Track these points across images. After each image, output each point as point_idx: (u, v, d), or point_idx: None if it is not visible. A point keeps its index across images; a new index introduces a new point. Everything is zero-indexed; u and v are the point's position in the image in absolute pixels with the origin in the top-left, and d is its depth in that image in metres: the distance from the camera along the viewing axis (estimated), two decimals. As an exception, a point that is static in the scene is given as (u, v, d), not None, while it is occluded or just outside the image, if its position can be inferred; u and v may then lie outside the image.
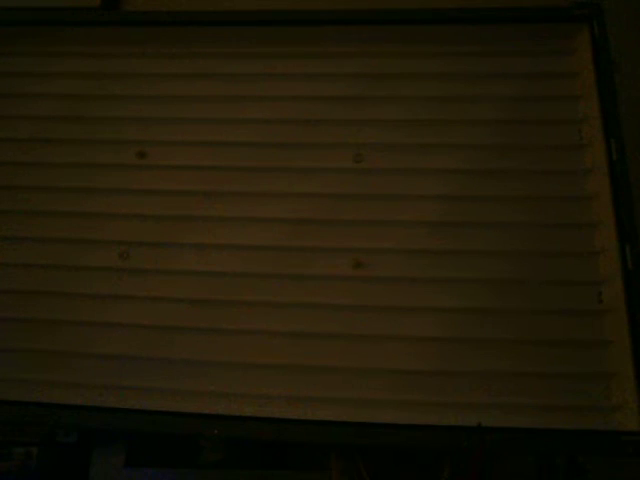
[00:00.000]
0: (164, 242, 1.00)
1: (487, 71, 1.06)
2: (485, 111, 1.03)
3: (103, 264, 0.99)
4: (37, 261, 1.00)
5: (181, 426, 0.87)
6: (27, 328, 0.96)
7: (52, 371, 0.94)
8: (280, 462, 0.93)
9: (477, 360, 0.90)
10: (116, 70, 1.11)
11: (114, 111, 1.08)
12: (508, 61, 1.06)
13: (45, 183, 1.04)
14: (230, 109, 1.07)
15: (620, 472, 0.88)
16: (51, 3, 1.13)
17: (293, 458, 0.93)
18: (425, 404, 0.88)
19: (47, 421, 0.90)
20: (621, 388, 0.87)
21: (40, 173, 1.05)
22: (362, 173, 1.01)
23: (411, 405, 0.88)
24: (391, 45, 1.08)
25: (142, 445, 0.94)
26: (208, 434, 0.87)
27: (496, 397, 0.88)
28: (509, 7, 1.07)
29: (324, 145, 1.03)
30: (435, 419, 0.86)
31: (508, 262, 0.95)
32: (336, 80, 1.07)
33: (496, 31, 1.07)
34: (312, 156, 1.03)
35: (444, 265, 0.95)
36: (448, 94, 1.05)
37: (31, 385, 0.93)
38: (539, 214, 0.97)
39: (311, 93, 1.07)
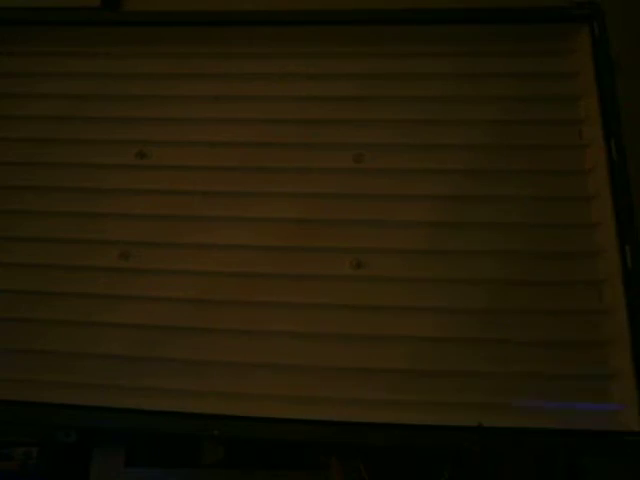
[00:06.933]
0: (164, 242, 0.99)
1: (487, 71, 1.06)
2: (485, 111, 1.03)
3: (103, 264, 0.99)
4: (37, 261, 1.00)
5: (181, 426, 0.87)
6: (27, 328, 0.96)
7: (52, 371, 0.94)
8: (280, 462, 0.93)
9: (477, 360, 0.90)
10: (116, 70, 1.11)
11: (114, 111, 1.08)
12: (508, 61, 1.06)
13: (45, 183, 1.04)
14: (230, 109, 1.07)
15: (620, 472, 0.88)
16: (51, 3, 1.13)
17: (293, 458, 0.94)
18: (425, 404, 0.88)
19: (47, 421, 0.90)
20: (621, 388, 0.87)
21: (40, 173, 1.05)
22: (362, 173, 1.01)
23: (410, 405, 0.88)
24: (391, 45, 1.08)
25: (142, 445, 0.94)
26: (208, 434, 0.87)
27: (496, 397, 0.88)
28: (509, 7, 1.07)
29: (324, 145, 1.03)
30: (435, 419, 0.86)
31: (508, 262, 0.95)
32: (336, 80, 1.07)
33: (496, 31, 1.07)
34: (312, 156, 1.03)
35: (444, 265, 0.95)
36: (448, 94, 1.05)
37: (31, 385, 0.93)
38: (539, 214, 0.97)
39: (311, 93, 1.06)
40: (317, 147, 1.03)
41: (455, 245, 0.96)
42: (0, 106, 1.10)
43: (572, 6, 1.06)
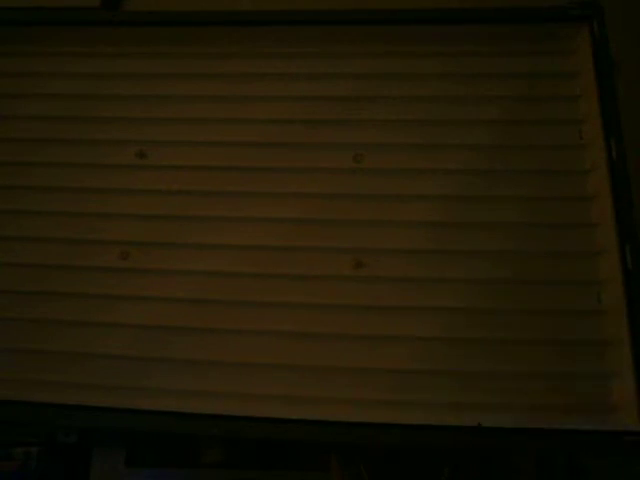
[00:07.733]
0: (164, 242, 0.99)
1: (487, 71, 1.06)
2: (485, 111, 1.03)
3: (103, 264, 0.99)
4: (37, 261, 1.00)
5: (181, 426, 0.87)
6: (27, 328, 0.96)
7: (52, 371, 0.94)
8: (280, 462, 0.93)
9: (477, 360, 0.90)
10: (116, 70, 1.11)
11: (114, 111, 1.08)
12: (508, 61, 1.06)
13: (45, 183, 1.04)
14: (230, 109, 1.07)
15: (620, 472, 0.88)
16: (51, 3, 1.13)
17: (293, 458, 0.94)
18: (424, 404, 0.88)
19: (47, 421, 0.90)
20: (621, 388, 0.87)
21: (40, 173, 1.05)
22: (362, 173, 1.01)
23: (410, 405, 0.88)
24: (391, 45, 1.08)
25: (142, 445, 0.94)
26: (208, 434, 0.87)
27: (496, 397, 0.88)
28: (509, 7, 1.07)
29: (324, 145, 1.03)
30: (435, 419, 0.86)
31: (508, 262, 0.95)
32: (336, 80, 1.07)
33: (496, 31, 1.07)
34: (312, 156, 1.03)
35: (444, 265, 0.95)
36: (448, 94, 1.05)
37: (31, 385, 0.93)
38: (539, 214, 0.97)
39: (311, 93, 1.06)
40: (317, 147, 1.03)
41: (455, 245, 0.96)
42: (0, 106, 1.10)
43: (572, 6, 1.06)
